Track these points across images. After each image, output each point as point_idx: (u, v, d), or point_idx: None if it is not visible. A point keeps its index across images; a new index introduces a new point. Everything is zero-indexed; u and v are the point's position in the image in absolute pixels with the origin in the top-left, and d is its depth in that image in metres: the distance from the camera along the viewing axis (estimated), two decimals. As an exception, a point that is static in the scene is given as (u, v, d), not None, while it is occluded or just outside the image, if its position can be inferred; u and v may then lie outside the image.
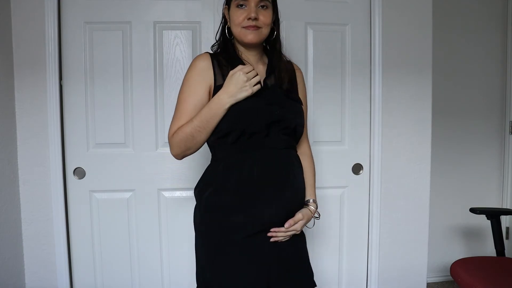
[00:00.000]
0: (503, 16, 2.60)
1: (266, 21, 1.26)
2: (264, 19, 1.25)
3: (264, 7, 1.25)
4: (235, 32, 1.29)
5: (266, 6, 1.26)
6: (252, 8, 1.23)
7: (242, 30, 1.26)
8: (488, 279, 1.71)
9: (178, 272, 2.03)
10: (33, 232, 1.92)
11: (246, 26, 1.25)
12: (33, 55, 1.85)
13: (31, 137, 1.89)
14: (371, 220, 2.10)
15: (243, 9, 1.25)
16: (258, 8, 1.25)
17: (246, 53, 1.32)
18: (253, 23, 1.24)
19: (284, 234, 1.25)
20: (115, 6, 1.89)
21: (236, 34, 1.29)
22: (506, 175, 2.64)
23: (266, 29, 1.27)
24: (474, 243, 2.69)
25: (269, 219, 1.24)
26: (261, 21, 1.25)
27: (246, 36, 1.26)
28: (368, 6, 2.02)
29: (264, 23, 1.26)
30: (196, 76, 1.29)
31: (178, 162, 1.97)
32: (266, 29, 1.27)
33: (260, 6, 1.25)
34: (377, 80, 2.02)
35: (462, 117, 2.61)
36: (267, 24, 1.27)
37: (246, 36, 1.26)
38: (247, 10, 1.24)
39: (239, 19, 1.25)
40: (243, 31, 1.26)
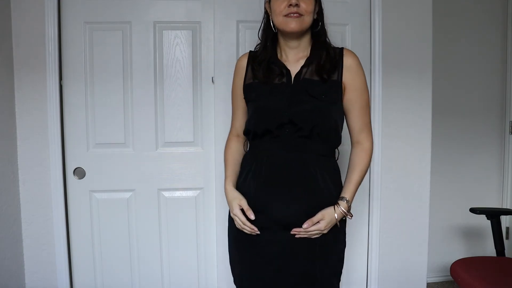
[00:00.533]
0: (503, 16, 2.60)
1: (308, 8, 1.22)
2: (305, 6, 1.22)
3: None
4: (276, 23, 1.26)
5: None
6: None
7: (284, 18, 1.24)
8: (488, 279, 1.71)
9: (178, 272, 2.03)
10: (33, 232, 1.92)
11: (287, 14, 1.22)
12: (33, 55, 1.85)
13: (31, 137, 1.89)
14: (371, 220, 2.09)
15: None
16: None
17: (286, 49, 1.31)
18: (295, 9, 1.21)
19: (306, 234, 1.25)
20: (115, 6, 1.89)
21: (278, 24, 1.26)
22: (506, 175, 2.64)
23: (308, 17, 1.24)
24: (474, 243, 2.69)
25: (273, 218, 1.26)
26: (303, 8, 1.22)
27: (288, 25, 1.23)
28: (368, 6, 2.02)
29: (306, 11, 1.22)
30: (235, 77, 1.42)
31: (178, 162, 1.97)
32: (308, 17, 1.24)
33: None
34: (377, 80, 2.02)
35: (462, 117, 2.61)
36: (309, 12, 1.23)
37: (288, 25, 1.23)
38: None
39: (280, 7, 1.23)
40: (285, 20, 1.23)
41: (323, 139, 1.26)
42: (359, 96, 1.29)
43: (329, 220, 1.25)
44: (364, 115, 1.31)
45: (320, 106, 1.25)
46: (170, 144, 1.97)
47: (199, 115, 1.97)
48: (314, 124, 1.24)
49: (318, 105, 1.25)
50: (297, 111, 1.24)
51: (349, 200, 1.29)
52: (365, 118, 1.31)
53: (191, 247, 2.02)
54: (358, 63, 1.30)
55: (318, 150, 1.27)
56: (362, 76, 1.30)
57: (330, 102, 1.26)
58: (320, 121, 1.25)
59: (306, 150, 1.25)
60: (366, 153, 1.32)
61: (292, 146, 1.25)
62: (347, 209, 1.28)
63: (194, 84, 1.96)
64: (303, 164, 1.25)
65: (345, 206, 1.28)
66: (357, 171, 1.31)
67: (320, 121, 1.25)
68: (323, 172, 1.27)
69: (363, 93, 1.30)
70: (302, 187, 1.25)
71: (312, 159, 1.26)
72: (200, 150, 1.97)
